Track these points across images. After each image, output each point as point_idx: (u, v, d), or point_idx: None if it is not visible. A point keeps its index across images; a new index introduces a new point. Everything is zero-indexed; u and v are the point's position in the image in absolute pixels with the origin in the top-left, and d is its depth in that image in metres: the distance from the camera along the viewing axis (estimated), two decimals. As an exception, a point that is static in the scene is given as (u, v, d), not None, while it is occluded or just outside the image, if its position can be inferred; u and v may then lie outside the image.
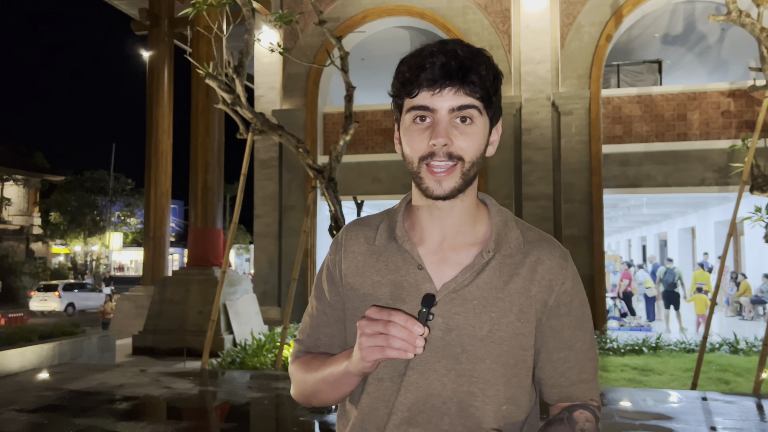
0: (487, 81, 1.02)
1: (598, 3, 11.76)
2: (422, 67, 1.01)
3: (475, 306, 1.05)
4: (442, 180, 1.02)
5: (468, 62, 1.01)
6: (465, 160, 1.03)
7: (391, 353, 0.93)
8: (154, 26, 13.74)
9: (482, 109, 1.03)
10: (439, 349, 1.04)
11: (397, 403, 1.05)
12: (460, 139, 1.02)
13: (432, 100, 1.00)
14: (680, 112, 11.65)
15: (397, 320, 0.92)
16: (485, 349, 1.04)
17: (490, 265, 1.07)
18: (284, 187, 13.06)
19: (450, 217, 1.09)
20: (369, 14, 12.72)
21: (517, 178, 11.93)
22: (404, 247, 1.09)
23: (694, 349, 9.94)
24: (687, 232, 22.49)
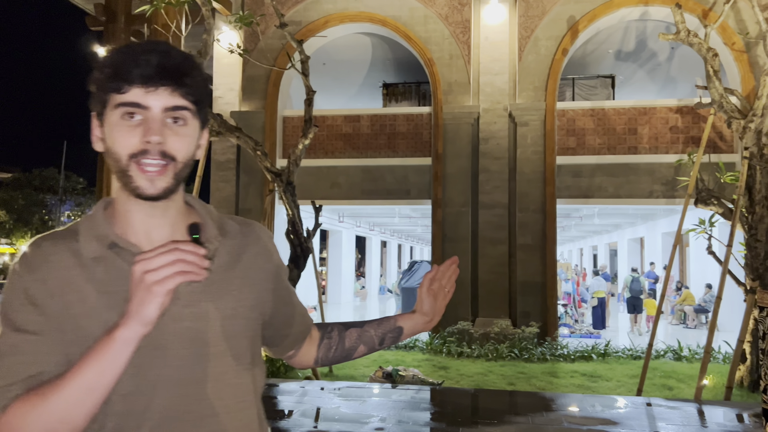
0: (200, 85, 1.05)
1: (555, 18, 12.07)
2: (135, 64, 0.99)
3: (216, 289, 1.09)
4: (155, 179, 1.01)
5: (183, 65, 1.02)
6: (177, 160, 1.03)
7: (186, 277, 0.91)
8: (110, 22, 13.43)
9: (195, 112, 1.05)
10: (191, 338, 1.05)
11: (151, 408, 1.02)
12: (174, 139, 1.02)
13: (145, 97, 0.99)
14: (631, 126, 12.04)
15: (180, 245, 0.92)
16: (232, 326, 1.10)
17: (218, 250, 1.12)
18: (241, 190, 12.92)
19: (167, 216, 1.09)
20: (331, 19, 12.73)
21: (474, 186, 12.10)
22: (128, 250, 1.04)
23: (640, 356, 10.26)
24: (636, 242, 23.21)
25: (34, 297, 1.00)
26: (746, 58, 11.34)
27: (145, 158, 1.00)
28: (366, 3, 12.63)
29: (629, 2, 11.80)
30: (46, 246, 1.05)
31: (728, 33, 11.32)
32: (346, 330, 1.35)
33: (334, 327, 1.36)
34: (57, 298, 1.01)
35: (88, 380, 0.93)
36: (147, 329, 0.94)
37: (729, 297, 7.30)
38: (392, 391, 6.51)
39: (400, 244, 37.27)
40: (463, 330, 11.10)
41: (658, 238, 19.45)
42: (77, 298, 1.02)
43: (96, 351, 0.93)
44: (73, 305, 1.01)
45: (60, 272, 1.02)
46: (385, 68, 15.78)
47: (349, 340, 1.34)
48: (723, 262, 7.13)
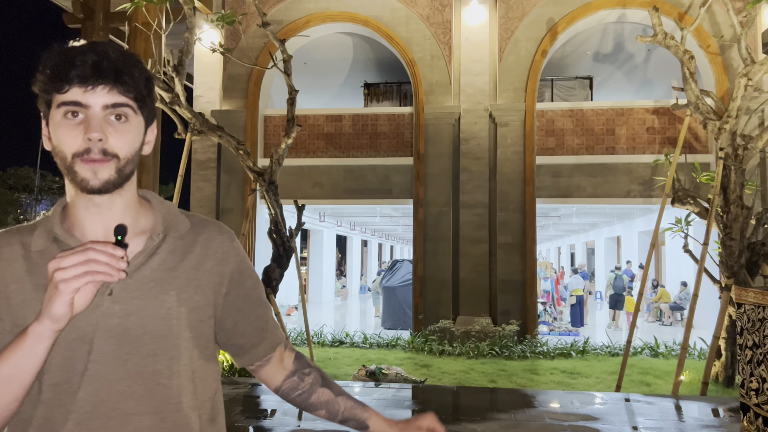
0: (140, 82, 1.06)
1: (534, 19, 12.20)
2: (72, 64, 1.01)
3: (152, 287, 1.08)
4: (98, 170, 1.03)
5: (120, 63, 1.04)
6: (120, 157, 1.04)
7: (96, 277, 0.93)
8: (88, 20, 13.24)
9: (136, 108, 1.06)
10: (120, 335, 1.05)
11: (78, 400, 1.02)
12: (115, 136, 1.04)
13: (84, 96, 1.01)
14: (609, 127, 12.22)
15: (95, 246, 0.93)
16: (167, 326, 1.08)
17: (161, 248, 1.12)
18: (222, 189, 12.85)
19: (110, 211, 1.09)
20: (312, 19, 12.72)
21: (455, 186, 12.19)
22: (68, 244, 1.08)
23: (618, 352, 10.42)
24: (613, 241, 23.55)
25: None
26: (720, 60, 11.58)
27: (87, 155, 1.02)
28: (348, 3, 12.64)
29: (607, 5, 11.98)
30: (2, 240, 1.10)
31: (703, 36, 11.55)
32: (320, 386, 1.30)
33: (311, 373, 1.30)
34: (1, 288, 1.05)
35: (5, 371, 0.96)
36: (58, 326, 0.95)
37: (703, 295, 7.46)
38: (375, 390, 6.55)
39: (380, 244, 37.33)
40: (445, 328, 11.18)
41: (635, 236, 19.77)
42: (18, 289, 1.06)
43: (13, 344, 0.97)
44: (14, 295, 1.05)
45: (7, 264, 1.07)
46: (366, 68, 15.80)
47: (317, 397, 1.30)
48: (699, 260, 7.28)
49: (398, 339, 11.40)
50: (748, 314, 3.83)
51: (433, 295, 11.97)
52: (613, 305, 15.52)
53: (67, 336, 1.02)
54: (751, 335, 3.79)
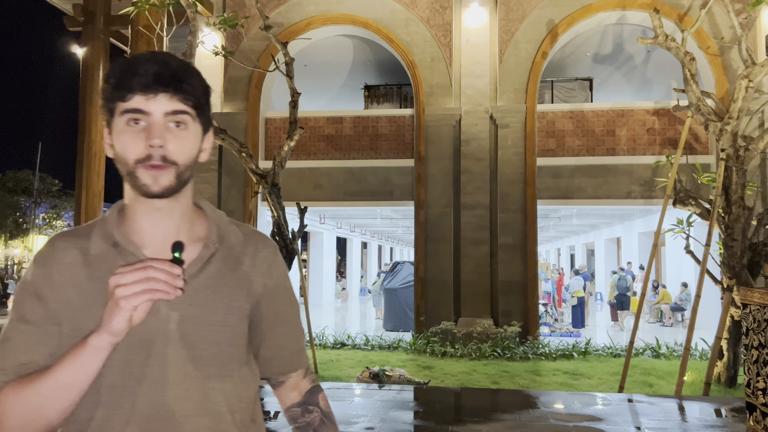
0: (199, 90, 1.10)
1: (534, 21, 12.23)
2: (135, 73, 1.05)
3: (208, 295, 1.12)
4: (158, 176, 1.06)
5: (180, 72, 1.08)
6: (179, 164, 1.08)
7: (155, 295, 0.95)
8: (89, 23, 13.27)
9: (194, 116, 1.10)
10: (177, 340, 1.08)
11: (136, 403, 1.05)
12: (174, 143, 1.07)
13: (146, 104, 1.05)
14: (609, 128, 12.25)
15: (154, 264, 0.96)
16: (220, 333, 1.11)
17: (215, 257, 1.15)
18: (223, 192, 12.86)
19: (169, 217, 1.13)
20: (313, 21, 12.74)
21: (456, 187, 12.21)
22: (128, 249, 1.10)
23: (620, 353, 10.44)
24: (613, 242, 23.57)
25: (40, 290, 1.08)
26: (720, 61, 11.62)
27: (149, 162, 1.06)
28: (348, 5, 12.67)
29: (607, 6, 12.01)
30: (58, 243, 1.13)
31: (703, 37, 11.58)
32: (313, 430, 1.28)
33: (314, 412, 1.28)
34: (59, 292, 1.08)
35: (63, 378, 0.99)
36: (116, 339, 0.99)
37: (704, 295, 7.48)
38: (379, 391, 6.56)
39: (380, 245, 37.33)
40: (446, 330, 11.19)
41: (635, 238, 19.79)
42: (77, 294, 1.08)
43: (72, 352, 1.00)
44: (73, 300, 1.08)
45: (65, 268, 1.10)
46: (366, 70, 15.83)
47: None
48: (701, 261, 7.30)
49: (400, 341, 11.41)
50: (754, 314, 3.85)
51: (434, 296, 11.98)
52: (619, 306, 15.68)
53: (126, 340, 1.03)
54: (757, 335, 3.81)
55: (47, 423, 1.01)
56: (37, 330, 1.06)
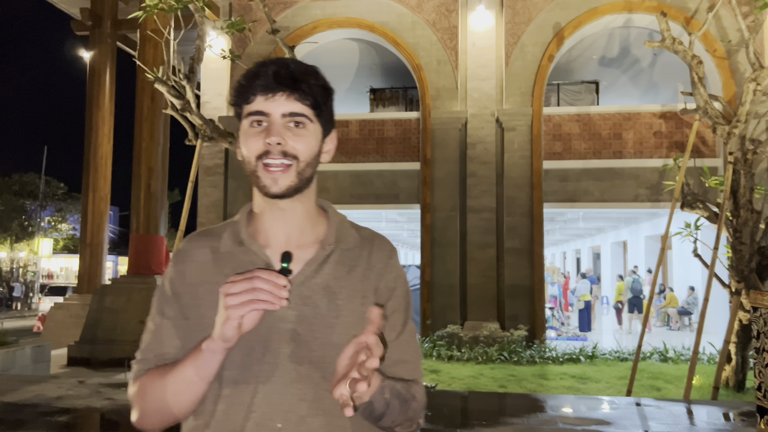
0: (317, 90, 1.12)
1: (541, 24, 12.23)
2: (257, 75, 1.10)
3: (323, 296, 1.12)
4: (278, 178, 1.09)
5: (298, 73, 1.11)
6: (299, 159, 1.10)
7: (259, 305, 0.97)
8: (96, 27, 13.35)
9: (313, 116, 1.12)
10: (292, 339, 1.10)
11: (256, 400, 1.08)
12: (294, 140, 1.10)
13: (266, 104, 1.09)
14: (616, 131, 12.23)
15: (261, 275, 0.98)
16: (335, 334, 1.11)
17: (332, 258, 1.16)
18: (229, 195, 12.89)
19: (292, 217, 1.16)
20: (319, 25, 12.78)
21: (462, 190, 12.20)
22: (251, 248, 1.15)
23: (627, 357, 10.40)
24: (619, 245, 23.49)
25: (175, 286, 1.16)
26: (727, 64, 11.59)
27: (268, 158, 1.09)
28: (354, 9, 12.69)
29: (613, 10, 12.00)
30: (192, 242, 1.20)
31: (710, 40, 11.56)
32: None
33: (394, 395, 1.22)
34: (191, 288, 1.15)
35: (187, 376, 1.06)
36: (228, 344, 1.02)
37: (711, 299, 7.44)
38: (387, 395, 6.54)
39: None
40: (453, 333, 11.17)
41: (641, 241, 19.72)
42: (206, 291, 1.13)
43: (193, 352, 1.06)
44: (202, 296, 1.13)
45: (197, 266, 1.16)
46: (372, 73, 15.85)
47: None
48: (709, 264, 7.27)
49: (406, 344, 11.38)
50: (765, 318, 3.83)
51: (440, 300, 11.97)
52: (631, 309, 15.75)
53: (246, 336, 1.06)
54: None
55: (175, 413, 1.10)
56: (170, 324, 1.14)
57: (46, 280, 37.11)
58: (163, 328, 1.15)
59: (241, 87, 1.12)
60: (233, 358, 1.08)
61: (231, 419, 1.09)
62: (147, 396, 1.10)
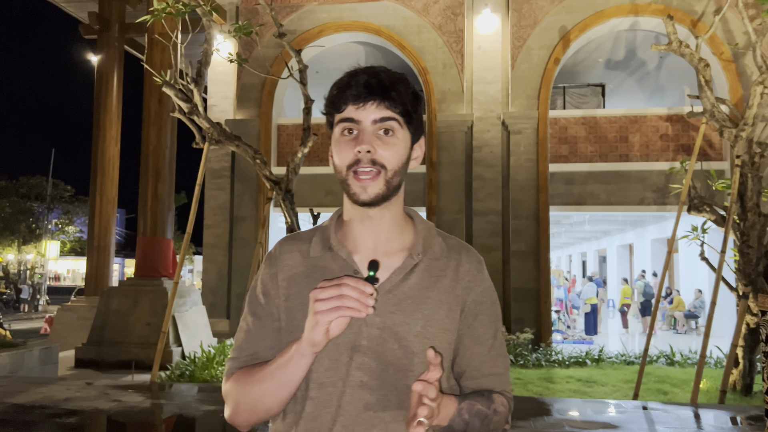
0: (406, 98, 1.13)
1: (547, 27, 12.23)
2: (348, 85, 1.12)
3: (409, 304, 1.13)
4: (367, 186, 1.10)
5: (388, 81, 1.12)
6: (387, 168, 1.11)
7: (346, 312, 0.99)
8: (104, 31, 13.43)
9: (402, 123, 1.13)
10: (378, 346, 1.11)
11: (343, 404, 1.10)
12: (383, 148, 1.11)
13: (357, 112, 1.11)
14: (622, 134, 12.21)
15: (348, 282, 0.99)
16: (419, 344, 1.12)
17: (419, 267, 1.17)
18: (236, 198, 12.93)
19: (380, 224, 1.17)
20: (325, 28, 12.82)
21: (468, 193, 12.20)
22: (340, 254, 1.16)
23: (633, 361, 10.36)
24: (625, 248, 23.42)
25: (266, 288, 1.20)
26: (734, 67, 11.56)
27: (358, 167, 1.11)
28: (360, 12, 12.73)
29: (619, 13, 11.99)
30: (283, 245, 1.23)
31: (716, 43, 11.53)
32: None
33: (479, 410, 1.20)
34: (282, 290, 1.18)
35: (277, 377, 1.09)
36: (317, 349, 1.04)
37: (718, 302, 7.41)
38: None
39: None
40: (459, 336, 11.16)
41: (647, 244, 19.66)
42: (296, 293, 1.17)
43: (283, 355, 1.09)
44: (292, 299, 1.17)
45: (288, 269, 1.19)
46: (378, 77, 15.85)
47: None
48: (716, 268, 7.25)
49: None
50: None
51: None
52: (643, 312, 15.82)
53: (334, 341, 1.08)
54: (775, 343, 3.78)
55: (263, 412, 1.13)
56: (261, 324, 1.18)
57: (53, 282, 37.25)
58: (255, 329, 1.19)
59: (333, 96, 1.15)
60: (321, 362, 1.11)
61: (318, 421, 1.11)
62: (238, 394, 1.13)
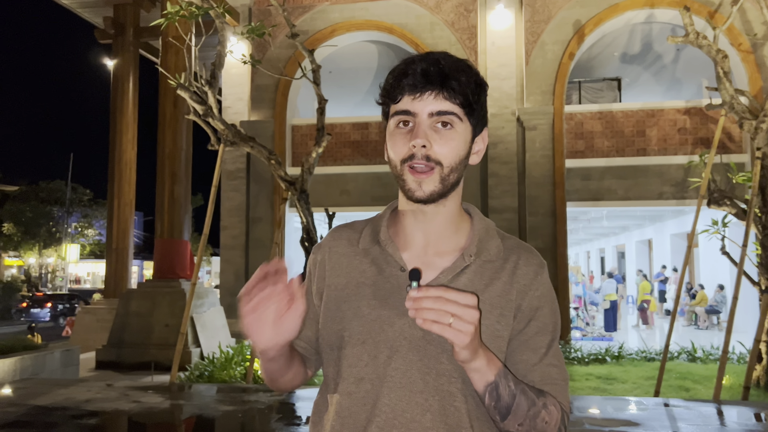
0: (468, 88, 1.04)
1: (561, 22, 12.13)
2: (405, 73, 1.05)
3: None
4: (422, 182, 1.04)
5: (448, 70, 1.04)
6: (443, 165, 1.04)
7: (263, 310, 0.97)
8: (119, 35, 13.55)
9: (462, 115, 1.05)
10: (421, 348, 1.05)
11: (380, 404, 1.05)
12: (440, 143, 1.04)
13: (413, 104, 1.04)
14: (639, 128, 12.07)
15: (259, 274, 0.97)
16: None
17: (470, 269, 1.09)
18: (252, 199, 12.98)
19: (434, 222, 1.11)
20: (338, 28, 12.82)
21: (483, 191, 12.14)
22: (387, 250, 1.12)
23: (654, 357, 10.24)
24: (644, 244, 23.17)
25: (312, 272, 1.20)
26: (753, 58, 11.37)
27: (413, 163, 1.04)
28: (372, 11, 12.72)
29: (635, 5, 11.85)
30: (334, 233, 1.21)
31: (734, 34, 11.36)
32: None
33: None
34: (326, 277, 1.16)
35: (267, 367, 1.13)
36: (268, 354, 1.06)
37: (740, 297, 7.29)
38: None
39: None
40: (476, 334, 11.10)
41: (667, 239, 19.43)
42: (339, 282, 1.14)
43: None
44: (334, 287, 1.14)
45: (335, 257, 1.17)
46: (391, 75, 15.83)
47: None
48: (738, 262, 7.14)
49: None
50: (797, 317, 3.74)
51: (463, 301, 11.90)
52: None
53: (375, 337, 1.06)
54: (800, 338, 3.70)
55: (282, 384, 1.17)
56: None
57: (73, 284, 37.74)
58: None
59: (389, 85, 1.07)
60: (361, 356, 1.07)
61: (355, 418, 1.07)
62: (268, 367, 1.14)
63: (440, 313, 0.90)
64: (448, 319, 0.90)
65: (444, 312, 0.90)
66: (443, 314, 0.90)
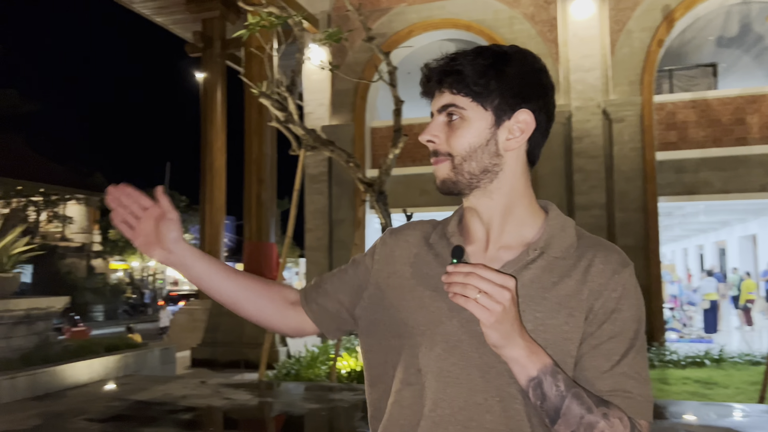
0: (470, 77, 1.02)
1: (648, 8, 11.57)
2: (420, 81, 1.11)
3: (519, 303, 0.97)
4: (437, 171, 1.08)
5: (445, 64, 1.05)
6: (454, 155, 1.05)
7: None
8: (207, 48, 14.18)
9: (469, 103, 1.04)
10: (482, 345, 0.99)
11: (438, 400, 1.02)
12: (449, 136, 1.06)
13: (432, 105, 1.10)
14: (738, 116, 11.30)
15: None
16: None
17: (537, 264, 1.04)
18: (334, 201, 13.24)
19: (485, 215, 1.09)
20: (415, 28, 12.84)
21: (568, 187, 11.77)
22: (450, 242, 1.12)
23: (759, 361, 9.56)
24: (748, 239, 21.66)
25: (375, 251, 1.20)
26: None
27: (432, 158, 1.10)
28: (449, 9, 12.64)
29: (730, -15, 11.13)
30: (411, 225, 1.23)
31: None
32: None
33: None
34: (393, 265, 1.16)
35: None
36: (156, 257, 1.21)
37: None
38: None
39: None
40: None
41: (774, 234, 18.09)
42: (406, 271, 1.14)
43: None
44: (394, 275, 1.15)
45: (407, 247, 1.17)
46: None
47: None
48: None
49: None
50: None
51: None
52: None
53: (435, 329, 1.05)
54: None
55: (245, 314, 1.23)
56: (343, 271, 1.22)
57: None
58: (339, 273, 1.23)
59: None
60: (419, 347, 1.05)
61: (413, 407, 1.04)
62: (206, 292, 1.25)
63: (468, 288, 0.90)
64: (475, 294, 0.90)
65: (472, 287, 0.90)
66: (470, 289, 0.90)
